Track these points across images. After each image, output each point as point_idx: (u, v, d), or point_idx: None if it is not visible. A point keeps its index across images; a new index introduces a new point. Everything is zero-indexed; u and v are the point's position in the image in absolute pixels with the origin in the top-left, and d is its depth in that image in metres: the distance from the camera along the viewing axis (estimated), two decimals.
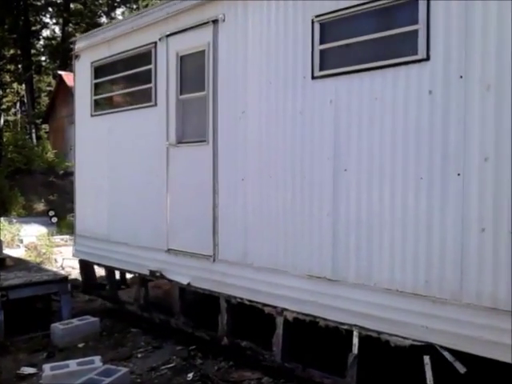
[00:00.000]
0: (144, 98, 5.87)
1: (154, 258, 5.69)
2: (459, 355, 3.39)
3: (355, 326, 3.92)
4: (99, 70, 6.57)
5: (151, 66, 5.68)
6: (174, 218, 5.45)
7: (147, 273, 5.78)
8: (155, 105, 5.66)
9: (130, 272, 6.26)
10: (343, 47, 4.01)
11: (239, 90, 4.74)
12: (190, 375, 4.68)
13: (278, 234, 4.42)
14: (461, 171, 3.33)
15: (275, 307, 4.48)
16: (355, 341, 3.93)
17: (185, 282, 5.32)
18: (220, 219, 4.96)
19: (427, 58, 3.48)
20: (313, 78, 4.16)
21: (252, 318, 4.88)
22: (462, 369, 3.36)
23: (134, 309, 6.09)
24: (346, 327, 3.99)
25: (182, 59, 5.34)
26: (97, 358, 4.64)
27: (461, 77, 3.32)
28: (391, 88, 3.67)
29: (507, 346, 3.13)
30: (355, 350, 3.93)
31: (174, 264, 5.47)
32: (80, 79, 6.91)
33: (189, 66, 5.31)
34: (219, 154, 4.95)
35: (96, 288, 7.00)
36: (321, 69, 4.11)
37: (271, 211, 4.46)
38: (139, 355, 5.22)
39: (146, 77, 5.79)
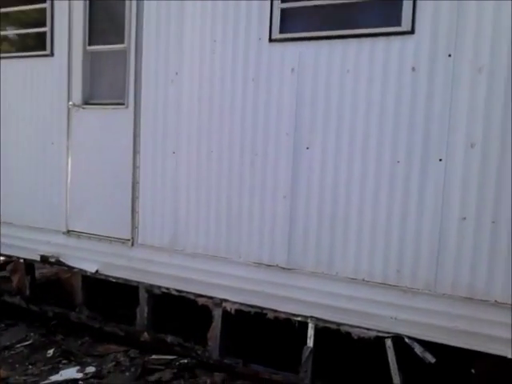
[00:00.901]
0: (34, 45, 4.77)
1: (48, 241, 4.75)
2: (429, 346, 3.29)
3: (311, 317, 3.62)
4: None
5: (46, 5, 4.59)
6: (77, 194, 4.56)
7: (37, 258, 4.82)
8: (51, 55, 4.61)
9: (9, 257, 5.17)
10: (311, 8, 3.55)
11: (172, 46, 4.01)
12: (51, 351, 4.30)
13: (219, 217, 3.89)
14: (443, 157, 3.16)
15: (212, 298, 3.98)
16: (310, 333, 3.64)
17: (92, 269, 4.52)
18: (141, 198, 4.24)
19: (412, 31, 3.20)
20: (270, 40, 3.64)
21: (179, 310, 4.33)
22: (431, 359, 3.27)
23: (17, 301, 5.06)
24: (299, 319, 3.67)
25: (93, 3, 4.38)
26: None
27: (449, 55, 3.11)
28: (367, 60, 3.33)
29: (483, 335, 3.09)
30: (310, 342, 3.64)
31: (75, 248, 4.61)
32: None
33: (102, 10, 4.37)
34: (142, 120, 4.19)
35: None
36: (281, 31, 3.62)
37: (211, 191, 3.90)
38: None
39: (38, 18, 4.68)
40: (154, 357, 4.15)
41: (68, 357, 4.20)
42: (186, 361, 4.06)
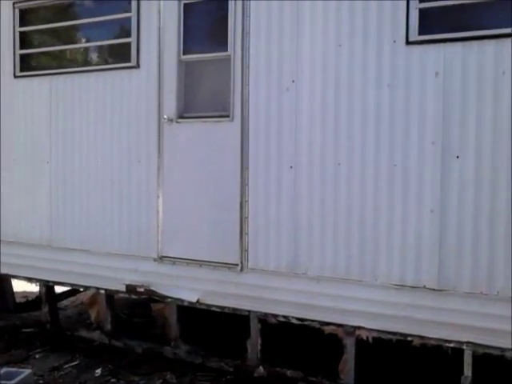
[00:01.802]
0: (116, 56, 4.41)
1: (135, 269, 4.34)
2: None
3: (468, 343, 3.29)
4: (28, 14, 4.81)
5: (131, 14, 4.24)
6: (172, 217, 4.17)
7: (121, 288, 4.40)
8: (137, 66, 4.25)
9: (86, 288, 4.73)
10: (455, 7, 3.27)
11: (286, 52, 3.69)
12: (99, 371, 4.16)
13: (350, 235, 3.54)
14: None
15: (342, 325, 3.63)
16: (468, 360, 3.30)
17: (192, 298, 4.12)
18: (252, 218, 3.87)
19: None
20: (407, 43, 3.35)
21: (297, 340, 3.96)
22: None
23: (96, 336, 4.62)
24: (453, 345, 3.34)
25: (187, 7, 4.05)
26: None
27: None
28: None
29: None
30: (468, 371, 3.31)
31: (170, 276, 4.21)
32: None
33: (198, 16, 4.04)
34: (251, 134, 3.84)
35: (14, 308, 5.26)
36: (420, 33, 3.33)
37: (339, 207, 3.55)
38: (37, 356, 4.46)
39: (121, 27, 4.34)
40: None
41: (116, 375, 4.05)
42: None
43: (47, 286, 4.90)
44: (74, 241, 4.63)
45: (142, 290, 4.34)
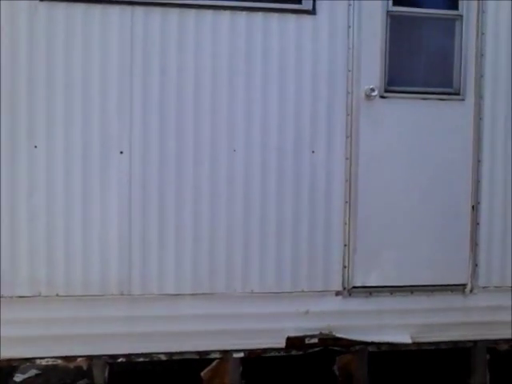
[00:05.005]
0: None
1: (306, 311, 2.92)
2: None
3: None
4: None
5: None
6: (368, 229, 2.95)
7: (278, 343, 2.91)
8: (312, 12, 2.82)
9: (203, 354, 2.89)
10: None
11: None
12: None
13: None
14: None
15: None
16: None
17: (404, 339, 3.01)
18: (485, 224, 3.05)
19: None
20: None
21: None
22: None
23: None
24: None
25: None
26: None
27: None
28: None
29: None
30: None
31: (364, 313, 2.98)
32: None
33: None
34: (486, 119, 3.03)
35: None
36: None
37: None
38: None
39: None
40: None
41: None
42: None
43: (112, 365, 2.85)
44: (181, 280, 2.81)
45: (314, 340, 2.94)
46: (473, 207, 3.05)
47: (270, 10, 2.82)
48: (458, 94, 3.00)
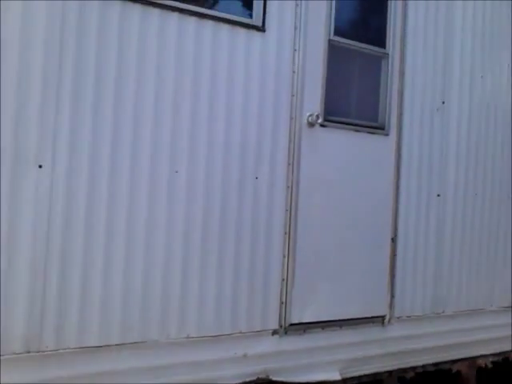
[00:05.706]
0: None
1: (243, 355, 2.62)
2: None
3: None
4: None
5: None
6: (308, 262, 2.81)
7: None
8: (261, 29, 2.61)
9: None
10: None
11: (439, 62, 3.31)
12: None
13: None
14: None
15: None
16: None
17: (333, 376, 2.89)
18: (400, 255, 3.16)
19: None
20: None
21: None
22: None
23: None
24: None
25: None
26: None
27: None
28: None
29: None
30: None
31: (296, 353, 2.80)
32: None
33: None
34: (404, 154, 3.17)
35: None
36: None
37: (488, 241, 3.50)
38: None
39: None
40: None
41: None
42: None
43: None
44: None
45: None
46: (392, 239, 3.15)
47: (220, 20, 2.54)
48: (383, 128, 3.09)
